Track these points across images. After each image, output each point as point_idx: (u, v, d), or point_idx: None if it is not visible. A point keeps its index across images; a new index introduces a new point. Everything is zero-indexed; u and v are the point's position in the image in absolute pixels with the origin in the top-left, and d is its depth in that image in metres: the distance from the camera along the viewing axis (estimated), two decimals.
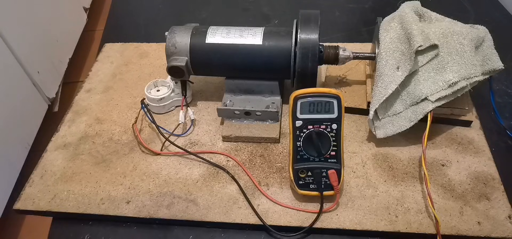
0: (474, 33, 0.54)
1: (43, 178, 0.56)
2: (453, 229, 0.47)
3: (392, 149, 0.57)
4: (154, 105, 0.64)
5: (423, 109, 0.53)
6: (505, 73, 0.68)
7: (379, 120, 0.56)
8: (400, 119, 0.54)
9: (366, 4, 0.95)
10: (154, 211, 0.51)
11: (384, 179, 0.53)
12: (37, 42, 1.05)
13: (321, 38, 0.55)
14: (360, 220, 0.49)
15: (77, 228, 0.52)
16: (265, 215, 0.50)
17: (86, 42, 1.40)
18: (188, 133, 0.61)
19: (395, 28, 0.55)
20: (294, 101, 0.48)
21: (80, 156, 0.59)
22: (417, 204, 0.50)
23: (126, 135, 0.62)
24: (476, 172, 0.53)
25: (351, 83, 0.66)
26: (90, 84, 0.72)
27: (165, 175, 0.55)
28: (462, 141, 0.57)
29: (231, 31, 0.59)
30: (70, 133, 0.63)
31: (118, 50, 0.80)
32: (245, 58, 0.58)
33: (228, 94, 0.62)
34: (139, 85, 0.71)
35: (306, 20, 0.56)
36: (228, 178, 0.54)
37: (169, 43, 0.59)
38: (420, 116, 0.53)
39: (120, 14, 1.00)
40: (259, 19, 0.93)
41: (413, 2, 0.58)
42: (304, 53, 0.54)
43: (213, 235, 0.50)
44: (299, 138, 0.49)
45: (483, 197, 0.50)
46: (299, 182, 0.50)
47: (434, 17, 0.58)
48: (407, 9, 0.56)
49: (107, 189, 0.54)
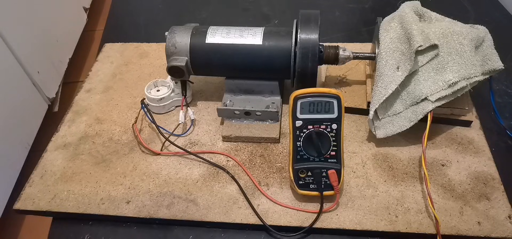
0: (474, 33, 0.54)
1: (43, 178, 0.56)
2: (453, 229, 0.47)
3: (392, 149, 0.57)
4: (154, 105, 0.64)
5: (423, 109, 0.53)
6: (505, 73, 0.68)
7: (379, 120, 0.56)
8: (400, 119, 0.54)
9: (366, 4, 0.95)
10: (154, 211, 0.51)
11: (384, 179, 0.53)
12: (37, 42, 1.05)
13: (321, 38, 0.55)
14: (360, 220, 0.49)
15: (77, 228, 0.52)
16: (265, 215, 0.50)
17: (86, 42, 1.40)
18: (188, 133, 0.61)
19: (395, 28, 0.55)
20: (294, 101, 0.48)
21: (80, 156, 0.59)
22: (417, 204, 0.50)
23: (126, 135, 0.62)
24: (476, 172, 0.53)
25: (351, 83, 0.66)
26: (90, 84, 0.72)
27: (165, 175, 0.55)
28: (462, 141, 0.57)
29: (231, 31, 0.59)
30: (70, 133, 0.63)
31: (118, 50, 0.80)
32: (245, 58, 0.58)
33: (228, 94, 0.62)
34: (139, 85, 0.71)
35: (306, 20, 0.56)
36: (228, 178, 0.54)
37: (169, 43, 0.59)
38: (420, 116, 0.53)
39: (120, 14, 1.00)
40: (259, 19, 0.93)
41: (413, 2, 0.58)
42: (304, 53, 0.54)
43: (213, 235, 0.50)
44: (299, 138, 0.49)
45: (483, 197, 0.50)
46: (299, 182, 0.50)
47: (434, 17, 0.58)
48: (407, 9, 0.56)
49: (107, 189, 0.54)
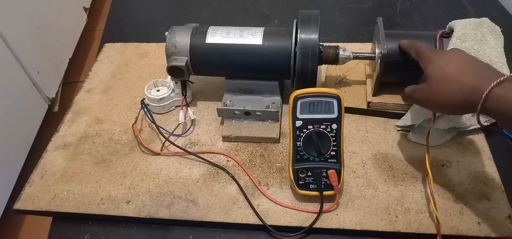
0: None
1: (43, 178, 0.56)
2: (453, 229, 0.47)
3: (392, 149, 0.57)
4: (154, 105, 0.64)
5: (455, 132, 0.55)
6: None
7: (416, 125, 0.56)
8: (437, 135, 0.55)
9: (366, 4, 0.95)
10: (154, 211, 0.51)
11: (384, 179, 0.53)
12: (37, 42, 1.05)
13: (321, 38, 0.55)
14: (360, 220, 0.49)
15: (77, 228, 0.52)
16: (265, 215, 0.50)
17: (86, 42, 1.40)
18: (188, 133, 0.61)
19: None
20: (294, 101, 0.48)
21: (80, 156, 0.59)
22: (417, 204, 0.50)
23: (126, 135, 0.62)
24: (476, 172, 0.53)
25: (351, 83, 0.66)
26: (90, 84, 0.72)
27: (165, 175, 0.55)
28: (462, 141, 0.57)
29: (231, 31, 0.59)
30: (70, 133, 0.63)
31: (118, 50, 0.80)
32: (245, 58, 0.58)
33: (228, 94, 0.62)
34: (139, 85, 0.71)
35: (306, 20, 0.56)
36: (228, 178, 0.54)
37: (169, 43, 0.59)
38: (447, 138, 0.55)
39: (120, 14, 1.00)
40: (259, 19, 0.92)
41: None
42: (304, 53, 0.54)
43: (213, 235, 0.50)
44: (299, 138, 0.49)
45: (483, 197, 0.50)
46: (299, 182, 0.50)
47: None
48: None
49: (107, 189, 0.54)
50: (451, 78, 0.41)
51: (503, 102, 0.37)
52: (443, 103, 0.43)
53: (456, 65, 0.42)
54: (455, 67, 0.42)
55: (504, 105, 0.37)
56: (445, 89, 0.42)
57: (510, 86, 0.37)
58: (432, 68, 0.44)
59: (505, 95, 0.37)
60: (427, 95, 0.45)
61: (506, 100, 0.37)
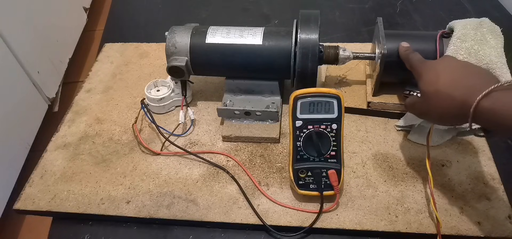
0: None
1: (43, 178, 0.56)
2: (453, 229, 0.47)
3: (392, 149, 0.57)
4: (154, 105, 0.64)
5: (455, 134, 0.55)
6: None
7: (416, 125, 0.56)
8: (437, 135, 0.55)
9: (366, 4, 0.95)
10: (154, 211, 0.51)
11: (384, 179, 0.53)
12: (37, 42, 1.05)
13: (321, 38, 0.55)
14: (360, 220, 0.49)
15: (77, 228, 0.52)
16: (265, 215, 0.50)
17: (86, 42, 1.40)
18: (188, 133, 0.61)
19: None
20: (294, 101, 0.48)
21: (80, 156, 0.59)
22: (417, 204, 0.50)
23: (126, 135, 0.62)
24: (476, 172, 0.53)
25: (351, 83, 0.66)
26: (90, 84, 0.72)
27: (165, 175, 0.55)
28: (462, 141, 0.57)
29: (231, 31, 0.59)
30: (70, 133, 0.63)
31: (118, 50, 0.80)
32: (245, 58, 0.58)
33: (228, 94, 0.62)
34: (139, 85, 0.71)
35: (306, 20, 0.56)
36: (228, 178, 0.54)
37: (169, 43, 0.59)
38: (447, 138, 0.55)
39: (120, 14, 1.00)
40: (259, 19, 0.92)
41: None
42: (304, 53, 0.54)
43: (213, 235, 0.50)
44: (299, 138, 0.49)
45: (483, 197, 0.50)
46: (299, 182, 0.50)
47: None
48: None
49: (107, 189, 0.54)
50: (442, 94, 0.41)
51: (490, 115, 0.36)
52: (441, 116, 0.43)
53: (446, 77, 0.41)
54: (445, 81, 0.41)
55: (491, 118, 0.37)
56: (438, 104, 0.42)
57: (497, 97, 0.36)
58: (424, 84, 0.44)
59: (491, 108, 0.36)
60: (423, 110, 0.45)
61: (493, 114, 0.36)
